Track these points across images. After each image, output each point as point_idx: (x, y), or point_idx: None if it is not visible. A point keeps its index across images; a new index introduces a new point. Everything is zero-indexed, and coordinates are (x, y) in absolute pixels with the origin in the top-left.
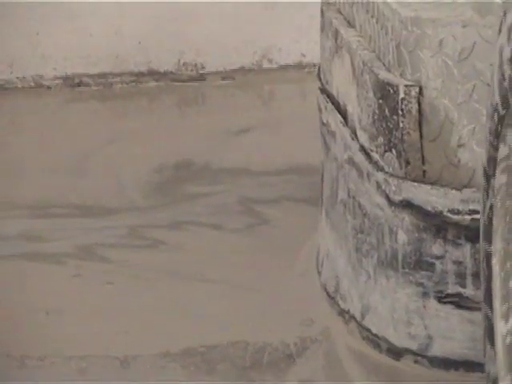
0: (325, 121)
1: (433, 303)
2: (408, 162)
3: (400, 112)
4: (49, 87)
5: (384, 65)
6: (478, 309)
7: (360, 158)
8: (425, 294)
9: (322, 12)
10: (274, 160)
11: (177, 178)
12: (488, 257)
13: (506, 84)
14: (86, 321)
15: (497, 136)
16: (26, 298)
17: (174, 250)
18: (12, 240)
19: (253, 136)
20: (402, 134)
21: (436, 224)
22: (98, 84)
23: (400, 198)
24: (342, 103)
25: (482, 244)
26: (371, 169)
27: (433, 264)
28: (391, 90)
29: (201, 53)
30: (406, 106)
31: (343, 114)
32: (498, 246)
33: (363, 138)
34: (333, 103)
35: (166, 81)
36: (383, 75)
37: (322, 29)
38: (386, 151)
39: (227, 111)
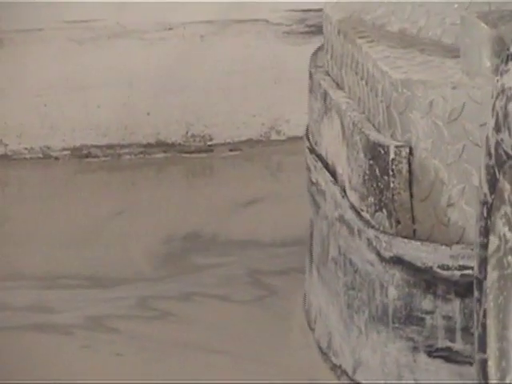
0: (314, 180)
1: (423, 357)
2: (398, 222)
3: (391, 172)
4: (57, 158)
5: (374, 126)
6: (468, 363)
7: (350, 215)
8: (415, 349)
9: (311, 74)
10: (281, 231)
11: (185, 250)
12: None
13: (492, 162)
14: None
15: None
16: (34, 370)
17: (183, 322)
18: (20, 311)
19: (260, 207)
20: (393, 194)
21: (426, 279)
22: (107, 155)
23: (391, 254)
24: (330, 163)
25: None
26: (362, 226)
27: (423, 319)
28: (382, 151)
29: (209, 124)
30: (396, 166)
31: (332, 173)
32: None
33: (353, 197)
34: (322, 163)
35: (174, 152)
36: (373, 136)
37: (311, 90)
38: (376, 211)
39: (235, 183)
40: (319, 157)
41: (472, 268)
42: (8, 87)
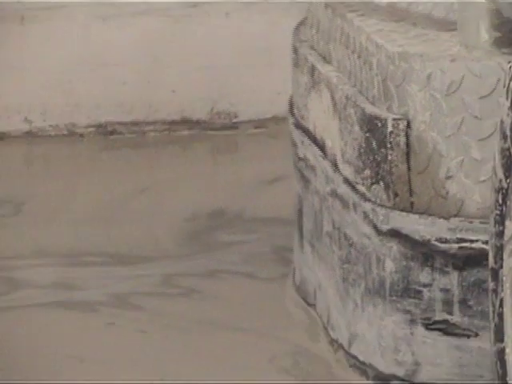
0: (302, 155)
1: (420, 330)
2: (396, 194)
3: (388, 145)
4: (81, 135)
5: (367, 99)
6: (465, 335)
7: (344, 189)
8: (412, 321)
9: (296, 48)
10: None
11: (210, 227)
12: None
13: (507, 145)
14: (119, 369)
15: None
16: (60, 346)
17: (208, 299)
18: (45, 288)
19: (285, 185)
20: (391, 167)
21: (423, 252)
22: (131, 132)
23: (388, 227)
24: (319, 137)
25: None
26: (358, 200)
27: (420, 292)
28: (379, 124)
29: (234, 101)
30: (394, 139)
31: (321, 147)
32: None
33: (348, 171)
34: (309, 138)
35: (199, 129)
36: (370, 109)
37: (296, 65)
38: (373, 183)
39: (260, 160)
40: (306, 131)
41: (470, 241)
42: (32, 64)
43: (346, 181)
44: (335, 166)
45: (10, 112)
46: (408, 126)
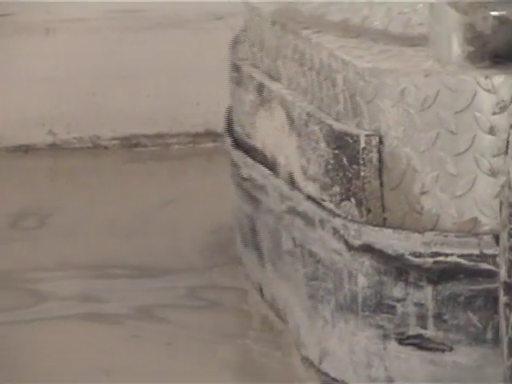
0: (246, 176)
1: (393, 345)
2: (369, 210)
3: (361, 161)
4: (106, 147)
5: (330, 116)
6: (440, 349)
7: (308, 207)
8: (385, 336)
9: (237, 66)
10: None
11: (234, 239)
12: None
13: None
14: (145, 381)
15: None
16: (85, 359)
17: (231, 311)
18: (70, 300)
19: None
20: (363, 183)
21: (397, 267)
22: (156, 145)
23: (360, 242)
24: (269, 155)
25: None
26: (326, 216)
27: (393, 306)
28: (350, 140)
29: None
30: (366, 155)
31: (271, 166)
32: None
33: (311, 187)
34: (256, 156)
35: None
36: (338, 126)
37: (239, 83)
38: (343, 200)
39: None
40: (252, 150)
41: (445, 255)
42: (57, 76)
43: (309, 198)
44: (292, 183)
45: (34, 124)
46: (380, 141)
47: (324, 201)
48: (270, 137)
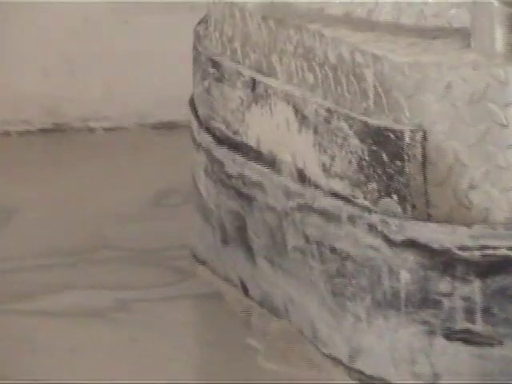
0: (234, 173)
1: (440, 340)
2: (414, 206)
3: (405, 157)
4: None
5: (353, 111)
6: (488, 344)
7: (330, 203)
8: (431, 332)
9: (218, 63)
10: None
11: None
12: None
13: None
14: None
15: None
16: None
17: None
18: None
19: None
20: (408, 179)
21: (443, 261)
22: None
23: (402, 237)
24: (266, 152)
25: None
26: (358, 212)
27: (440, 302)
28: (392, 136)
29: None
30: (411, 150)
31: (269, 163)
32: None
33: (336, 184)
34: (246, 154)
35: None
36: (376, 122)
37: (220, 79)
38: (381, 197)
39: None
40: (240, 147)
41: (494, 248)
42: None
43: (333, 194)
44: (302, 180)
45: (180, 102)
46: (424, 136)
47: (355, 197)
48: (267, 134)
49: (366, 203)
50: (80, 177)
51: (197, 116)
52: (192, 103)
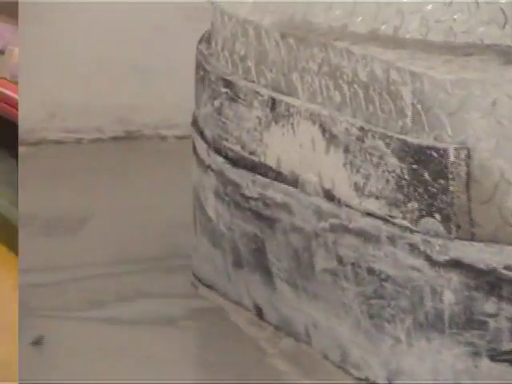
0: (254, 195)
1: (485, 362)
2: (458, 226)
3: (449, 175)
4: None
5: (387, 130)
6: None
7: (367, 223)
8: (476, 354)
9: (229, 82)
10: None
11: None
12: None
13: None
14: None
15: None
16: None
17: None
18: None
19: None
20: (452, 198)
21: (489, 281)
22: None
23: (446, 257)
24: (287, 173)
25: None
26: (398, 232)
27: (485, 322)
28: (435, 154)
29: None
30: (455, 169)
31: (291, 183)
32: None
33: (372, 204)
34: (264, 175)
35: None
36: (417, 140)
37: (234, 99)
38: (422, 216)
39: None
40: (257, 168)
41: None
42: None
43: (371, 215)
44: (331, 200)
45: None
46: (468, 154)
47: (394, 217)
48: (288, 153)
49: (405, 223)
50: (151, 184)
51: (202, 137)
52: (196, 124)
